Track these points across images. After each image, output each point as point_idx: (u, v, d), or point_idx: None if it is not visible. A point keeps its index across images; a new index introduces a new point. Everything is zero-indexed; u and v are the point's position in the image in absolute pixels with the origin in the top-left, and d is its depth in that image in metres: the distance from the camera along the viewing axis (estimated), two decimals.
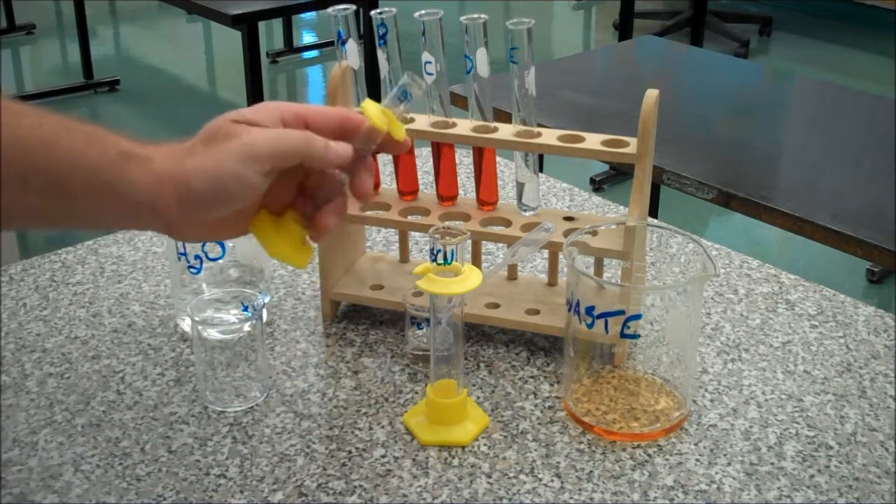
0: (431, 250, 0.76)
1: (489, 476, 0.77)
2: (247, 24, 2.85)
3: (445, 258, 0.76)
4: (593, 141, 0.89)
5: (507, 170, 1.22)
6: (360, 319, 0.97)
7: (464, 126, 0.91)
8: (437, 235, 0.76)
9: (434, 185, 0.96)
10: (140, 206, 0.66)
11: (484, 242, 0.99)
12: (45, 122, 0.65)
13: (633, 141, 0.87)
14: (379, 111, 0.72)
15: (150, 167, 0.67)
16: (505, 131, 0.90)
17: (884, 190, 1.70)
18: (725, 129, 2.07)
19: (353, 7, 0.89)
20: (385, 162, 1.21)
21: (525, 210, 0.94)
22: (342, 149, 0.70)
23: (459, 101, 1.74)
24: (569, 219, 0.92)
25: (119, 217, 0.69)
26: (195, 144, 0.69)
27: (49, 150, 0.64)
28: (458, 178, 1.01)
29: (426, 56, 0.88)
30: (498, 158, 0.99)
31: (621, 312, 0.80)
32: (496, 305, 0.93)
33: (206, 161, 0.67)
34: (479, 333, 0.94)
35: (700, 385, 0.88)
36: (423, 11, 0.87)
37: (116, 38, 5.11)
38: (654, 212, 2.45)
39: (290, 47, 4.64)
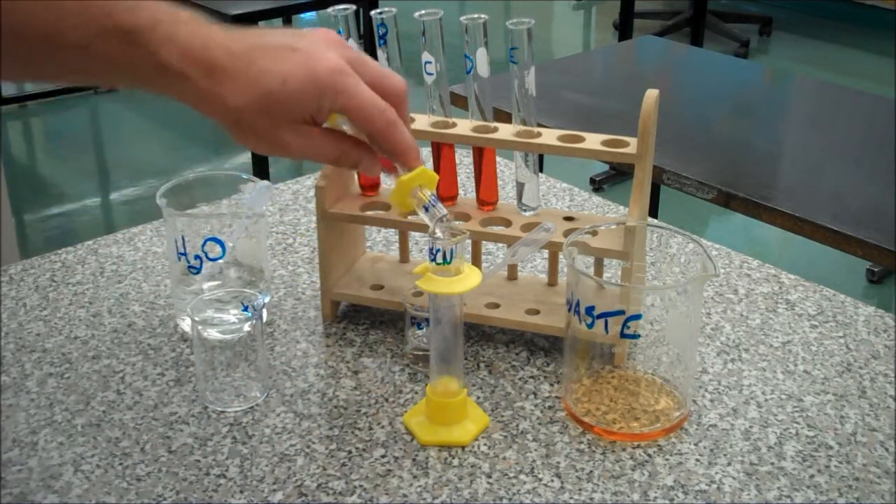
0: (431, 250, 0.76)
1: (489, 476, 0.77)
2: (247, 24, 2.85)
3: (445, 258, 0.76)
4: (593, 141, 0.89)
5: (507, 170, 1.22)
6: (360, 319, 0.97)
7: (464, 126, 0.91)
8: (436, 235, 0.76)
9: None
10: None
11: (484, 242, 0.99)
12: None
13: (633, 141, 0.87)
14: (404, 192, 0.75)
15: (187, 93, 0.69)
16: (505, 131, 0.90)
17: (884, 190, 1.70)
18: (725, 129, 2.07)
19: (353, 7, 0.89)
20: None
21: (525, 210, 0.94)
22: (372, 169, 0.76)
23: (459, 101, 1.74)
24: (569, 219, 0.92)
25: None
26: (229, 117, 0.70)
27: (84, 52, 0.65)
28: (458, 178, 1.01)
29: (426, 56, 0.88)
30: (498, 158, 0.99)
31: (621, 312, 0.80)
32: (496, 305, 0.93)
33: (236, 137, 0.71)
34: (479, 333, 0.94)
35: (700, 385, 0.88)
36: (423, 11, 0.87)
37: None
38: (654, 212, 2.45)
39: None
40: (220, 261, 0.94)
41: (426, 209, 0.75)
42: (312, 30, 0.72)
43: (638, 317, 0.81)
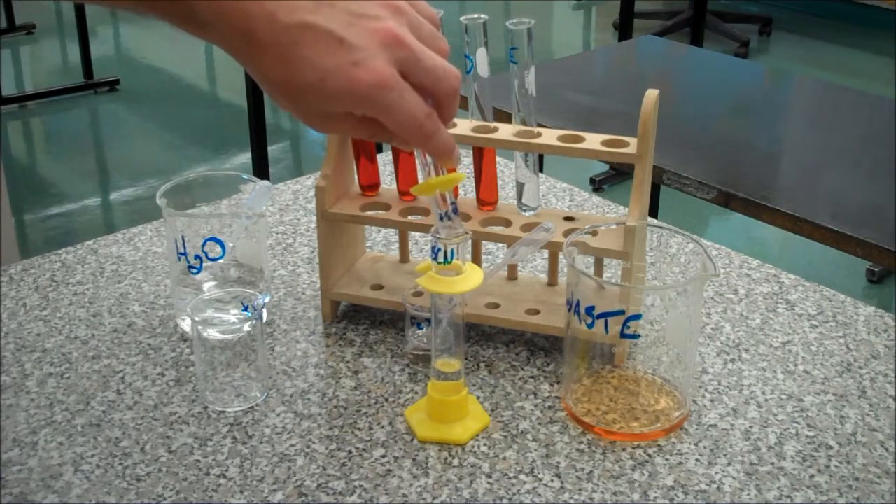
0: (433, 249, 0.76)
1: (489, 476, 0.77)
2: None
3: (445, 257, 0.76)
4: (593, 141, 0.89)
5: (507, 170, 1.22)
6: (360, 319, 0.97)
7: (464, 126, 0.91)
8: (438, 234, 0.76)
9: None
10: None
11: (484, 242, 0.99)
12: None
13: (633, 141, 0.87)
14: (429, 191, 0.73)
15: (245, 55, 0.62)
16: (505, 131, 0.90)
17: (884, 190, 1.70)
18: (725, 129, 2.07)
19: None
20: (385, 162, 1.21)
21: (525, 210, 0.94)
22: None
23: (460, 102, 1.73)
24: (569, 219, 0.92)
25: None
26: (277, 90, 0.64)
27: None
28: None
29: None
30: (498, 158, 0.99)
31: (621, 312, 0.80)
32: (496, 305, 0.93)
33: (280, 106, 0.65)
34: (479, 333, 0.94)
35: (700, 385, 0.88)
36: None
37: (116, 38, 5.12)
38: (654, 212, 2.45)
39: None
40: (220, 261, 0.94)
41: (441, 217, 0.74)
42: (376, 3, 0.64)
43: (638, 317, 0.81)
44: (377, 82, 0.63)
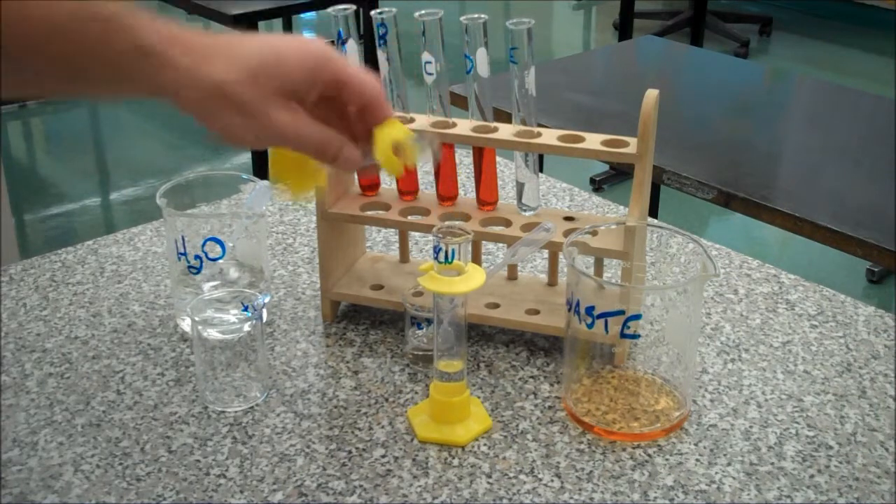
0: (435, 249, 0.76)
1: (489, 476, 0.77)
2: (247, 24, 2.85)
3: (446, 257, 0.76)
4: (593, 141, 0.89)
5: (507, 170, 1.22)
6: (360, 319, 0.97)
7: (464, 126, 0.91)
8: (439, 234, 0.76)
9: (434, 185, 0.96)
10: (160, 96, 0.67)
11: (484, 242, 0.99)
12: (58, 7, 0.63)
13: (633, 141, 0.87)
14: (388, 145, 0.74)
15: (169, 70, 0.66)
16: (505, 131, 0.90)
17: (884, 190, 1.70)
18: (725, 129, 2.06)
19: (353, 7, 0.89)
20: None
21: (525, 210, 0.94)
22: (352, 161, 0.73)
23: (459, 101, 1.73)
24: (569, 219, 0.92)
25: (143, 97, 0.70)
26: (214, 92, 0.68)
27: (66, 42, 0.63)
28: (458, 178, 1.01)
29: (426, 56, 0.88)
30: (498, 158, 0.99)
31: (621, 312, 0.80)
32: (496, 305, 0.93)
33: (211, 119, 0.68)
34: (479, 333, 0.94)
35: (700, 385, 0.87)
36: (423, 11, 0.87)
37: None
38: (654, 212, 2.45)
39: None
40: (220, 261, 0.94)
41: (419, 144, 0.76)
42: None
43: (638, 317, 0.81)
44: (325, 44, 0.72)
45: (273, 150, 0.76)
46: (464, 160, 1.26)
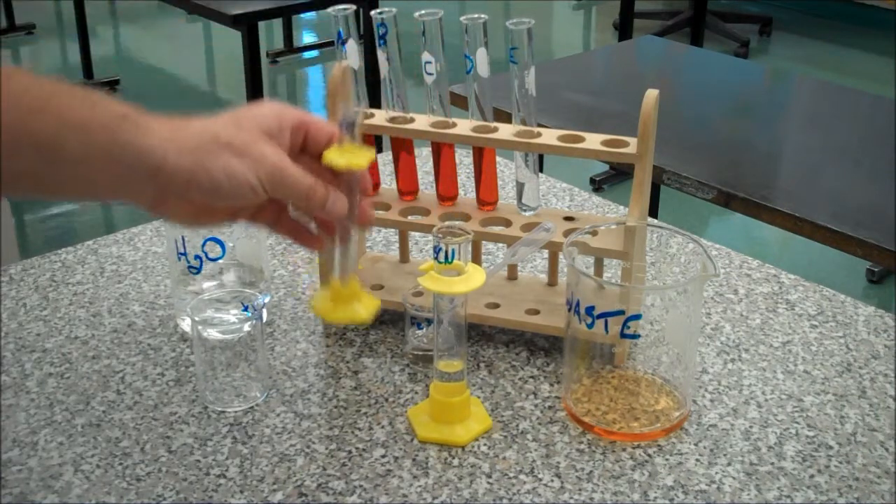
0: (435, 249, 0.76)
1: (489, 476, 0.77)
2: (247, 24, 2.85)
3: (446, 257, 0.76)
4: (593, 141, 0.89)
5: (507, 170, 1.22)
6: None
7: (464, 126, 0.91)
8: (439, 234, 0.76)
9: (434, 185, 0.96)
10: (139, 170, 0.66)
11: (484, 242, 0.99)
12: (33, 85, 0.64)
13: (633, 141, 0.87)
14: (338, 153, 0.74)
15: (152, 133, 0.66)
16: (505, 131, 0.90)
17: (884, 190, 1.70)
18: (725, 129, 2.06)
19: (353, 7, 0.89)
20: (385, 162, 1.21)
21: (525, 210, 0.94)
22: (340, 207, 0.74)
23: (459, 101, 1.73)
24: (569, 219, 0.92)
25: (112, 184, 0.67)
26: (206, 136, 0.69)
27: (40, 113, 0.63)
28: (458, 178, 1.01)
29: (426, 56, 0.88)
30: (498, 158, 0.99)
31: (621, 312, 0.80)
32: (496, 305, 0.93)
33: (210, 163, 0.68)
34: (479, 333, 0.94)
35: (700, 385, 0.87)
36: (423, 11, 0.87)
37: (116, 38, 5.11)
38: (654, 212, 2.45)
39: (290, 47, 4.64)
40: (220, 261, 0.94)
41: (344, 131, 0.75)
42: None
43: (638, 317, 0.81)
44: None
45: (315, 297, 0.81)
46: (464, 160, 1.26)
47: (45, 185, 0.66)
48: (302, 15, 5.04)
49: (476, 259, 0.94)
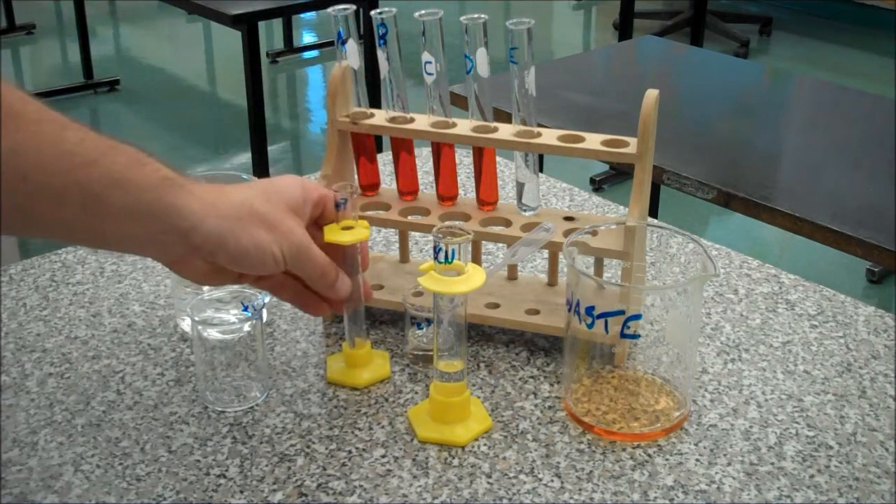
0: (435, 249, 0.76)
1: (489, 476, 0.77)
2: (247, 24, 2.85)
3: (446, 257, 0.76)
4: (593, 141, 0.89)
5: (507, 170, 1.22)
6: None
7: (464, 126, 0.91)
8: (440, 235, 0.76)
9: (434, 185, 0.96)
10: (176, 229, 0.69)
11: (484, 242, 0.99)
12: (88, 138, 0.66)
13: (633, 141, 0.87)
14: (337, 230, 0.81)
15: (194, 197, 0.70)
16: (505, 131, 0.90)
17: (884, 190, 1.70)
18: (725, 129, 2.07)
19: (353, 7, 0.89)
20: (385, 162, 1.21)
21: (525, 210, 0.94)
22: (346, 288, 0.80)
23: (459, 101, 1.74)
24: (569, 219, 0.92)
25: (148, 240, 0.70)
26: (243, 208, 0.73)
27: (92, 167, 0.65)
28: (458, 178, 1.01)
29: (426, 56, 0.88)
30: (498, 158, 0.99)
31: (621, 312, 0.80)
32: (496, 305, 0.93)
33: (241, 231, 0.72)
34: (479, 333, 0.94)
35: (700, 385, 0.88)
36: (423, 11, 0.87)
37: (116, 38, 5.11)
38: (654, 212, 2.45)
39: (290, 47, 4.64)
40: None
41: (341, 206, 0.80)
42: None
43: (638, 317, 0.81)
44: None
45: (329, 362, 0.88)
46: (464, 160, 1.26)
47: (84, 236, 0.69)
48: (302, 15, 5.05)
49: (476, 259, 0.95)
